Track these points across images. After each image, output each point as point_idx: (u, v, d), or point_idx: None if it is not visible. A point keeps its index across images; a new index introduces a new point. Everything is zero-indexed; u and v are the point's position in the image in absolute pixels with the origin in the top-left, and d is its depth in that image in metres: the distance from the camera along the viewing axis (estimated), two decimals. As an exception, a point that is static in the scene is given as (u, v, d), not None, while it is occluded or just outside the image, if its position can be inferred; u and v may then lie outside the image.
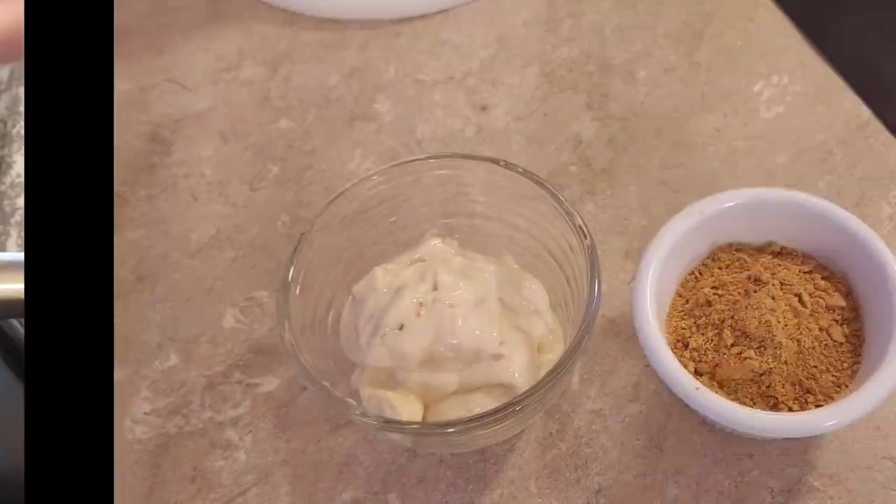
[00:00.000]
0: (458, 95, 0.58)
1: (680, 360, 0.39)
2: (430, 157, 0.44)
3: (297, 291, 0.40)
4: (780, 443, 0.43)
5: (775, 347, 0.40)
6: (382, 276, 0.40)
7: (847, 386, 0.41)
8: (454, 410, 0.38)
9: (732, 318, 0.42)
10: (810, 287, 0.43)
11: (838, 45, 0.58)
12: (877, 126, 0.55)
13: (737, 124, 0.55)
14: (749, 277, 0.43)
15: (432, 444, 0.42)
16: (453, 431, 0.36)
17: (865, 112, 0.55)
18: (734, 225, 0.45)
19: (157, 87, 0.60)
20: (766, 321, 0.41)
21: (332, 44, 0.61)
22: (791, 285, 0.43)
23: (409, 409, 0.38)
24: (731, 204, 0.44)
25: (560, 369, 0.37)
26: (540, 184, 0.41)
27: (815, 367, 0.41)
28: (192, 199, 0.55)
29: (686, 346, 0.42)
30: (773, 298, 0.42)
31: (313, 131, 0.57)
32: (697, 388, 0.38)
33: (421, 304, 0.38)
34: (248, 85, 0.60)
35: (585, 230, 0.40)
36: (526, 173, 0.42)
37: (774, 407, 0.40)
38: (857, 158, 0.53)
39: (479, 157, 0.43)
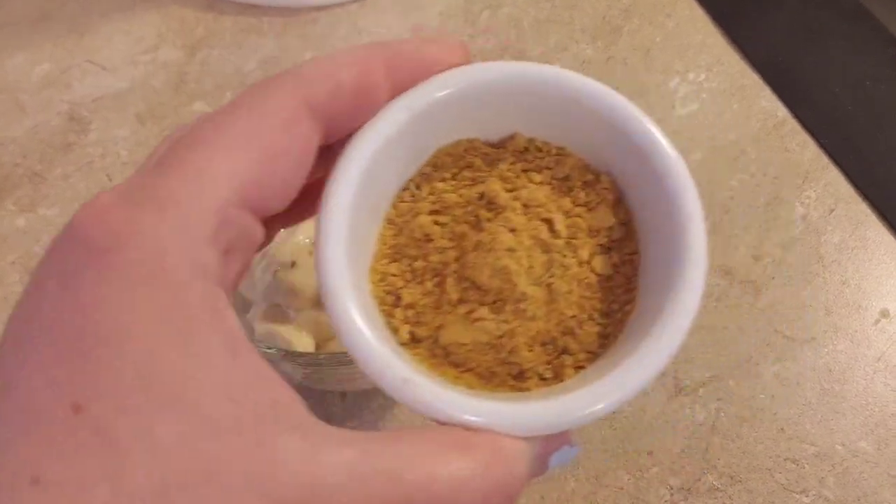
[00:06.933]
0: (373, 84, 0.57)
1: (389, 325, 0.28)
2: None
3: None
4: (681, 440, 0.43)
5: (517, 301, 0.28)
6: None
7: (616, 336, 0.28)
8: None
9: (458, 261, 0.28)
10: (566, 203, 0.30)
11: (757, 42, 0.58)
12: (793, 125, 0.54)
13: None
14: (482, 197, 0.30)
15: (326, 377, 0.42)
16: (348, 361, 0.35)
17: (782, 111, 0.55)
18: (461, 119, 0.30)
19: (77, 67, 0.59)
20: (503, 268, 0.28)
21: (250, 29, 0.60)
22: (539, 206, 0.29)
23: (301, 344, 0.38)
24: (445, 92, 0.29)
25: None
26: None
27: (574, 316, 0.29)
28: (108, 179, 0.54)
29: (398, 301, 0.29)
30: (512, 231, 0.29)
31: (227, 117, 0.56)
32: (406, 381, 0.25)
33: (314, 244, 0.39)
34: (166, 67, 0.58)
35: None
36: None
37: (521, 376, 0.28)
38: (771, 157, 0.53)
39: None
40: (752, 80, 0.57)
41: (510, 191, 0.30)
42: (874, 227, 0.50)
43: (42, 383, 0.19)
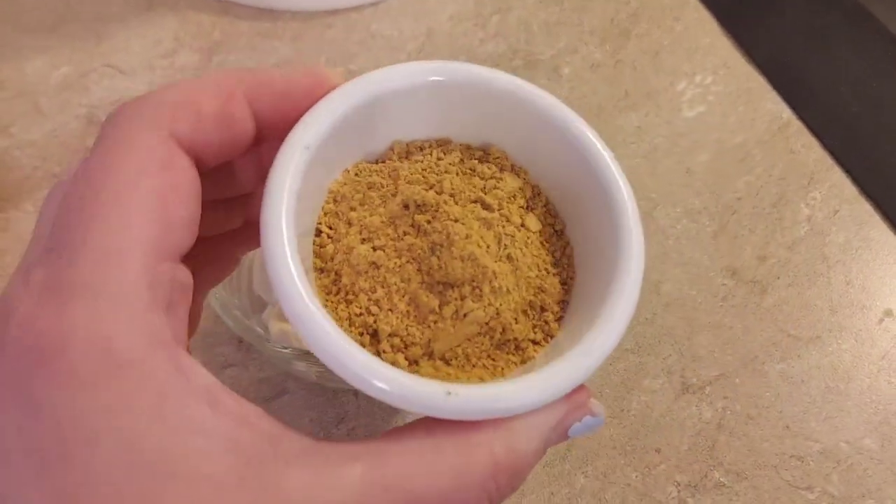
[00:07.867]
0: (385, 88, 0.58)
1: (384, 359, 0.27)
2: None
3: None
4: (688, 438, 0.43)
5: (490, 280, 0.28)
6: None
7: (573, 278, 0.30)
8: None
9: (421, 270, 0.28)
10: (478, 181, 0.31)
11: (763, 45, 0.59)
12: (798, 127, 0.55)
13: (659, 122, 0.55)
14: (405, 205, 0.29)
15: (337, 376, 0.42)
16: None
17: (787, 112, 0.56)
18: (343, 147, 0.30)
19: (95, 72, 0.59)
20: (470, 254, 0.28)
21: (266, 33, 0.61)
22: (461, 191, 0.30)
23: None
24: (329, 121, 0.28)
25: None
26: None
27: (537, 275, 0.30)
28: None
29: (377, 336, 0.28)
30: (458, 221, 0.29)
31: (242, 120, 0.57)
32: (450, 394, 0.24)
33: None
34: (183, 71, 0.59)
35: None
36: None
37: (518, 350, 0.29)
38: (776, 159, 0.54)
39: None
40: (758, 82, 0.57)
41: (430, 188, 0.30)
42: (878, 227, 0.51)
43: (38, 498, 0.18)
